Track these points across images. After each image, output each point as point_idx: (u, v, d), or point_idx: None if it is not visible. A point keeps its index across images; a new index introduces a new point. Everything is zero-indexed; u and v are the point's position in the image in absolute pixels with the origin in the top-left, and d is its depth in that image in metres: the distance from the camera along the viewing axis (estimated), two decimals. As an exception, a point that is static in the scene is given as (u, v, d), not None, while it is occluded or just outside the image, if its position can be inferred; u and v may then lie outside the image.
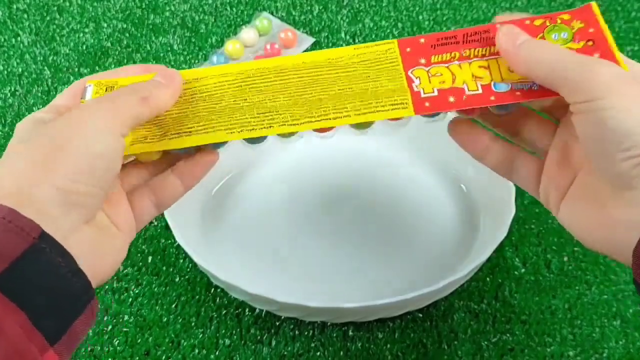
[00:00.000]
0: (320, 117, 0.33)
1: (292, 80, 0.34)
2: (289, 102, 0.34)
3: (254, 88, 0.35)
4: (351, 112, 0.33)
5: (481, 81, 0.33)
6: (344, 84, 0.34)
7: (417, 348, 0.43)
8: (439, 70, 0.33)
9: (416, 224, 0.48)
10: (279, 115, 0.33)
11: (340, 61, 0.35)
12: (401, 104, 0.33)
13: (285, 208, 0.50)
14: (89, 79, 0.34)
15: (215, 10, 0.67)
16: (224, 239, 0.48)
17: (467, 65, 0.33)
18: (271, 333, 0.44)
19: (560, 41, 0.33)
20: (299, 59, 0.35)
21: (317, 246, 0.47)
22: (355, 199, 0.50)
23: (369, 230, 0.48)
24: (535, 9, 0.65)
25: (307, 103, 0.33)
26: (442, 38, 0.34)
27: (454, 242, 0.47)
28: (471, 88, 0.33)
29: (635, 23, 0.64)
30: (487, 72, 0.33)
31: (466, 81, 0.33)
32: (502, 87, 0.32)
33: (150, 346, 0.43)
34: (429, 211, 0.49)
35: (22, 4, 0.67)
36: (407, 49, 0.34)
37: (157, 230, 0.50)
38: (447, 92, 0.33)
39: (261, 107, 0.34)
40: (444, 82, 0.33)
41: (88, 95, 0.34)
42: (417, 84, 0.33)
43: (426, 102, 0.32)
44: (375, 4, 0.67)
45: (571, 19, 0.33)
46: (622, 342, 0.43)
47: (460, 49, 0.34)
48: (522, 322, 0.44)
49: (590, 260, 0.47)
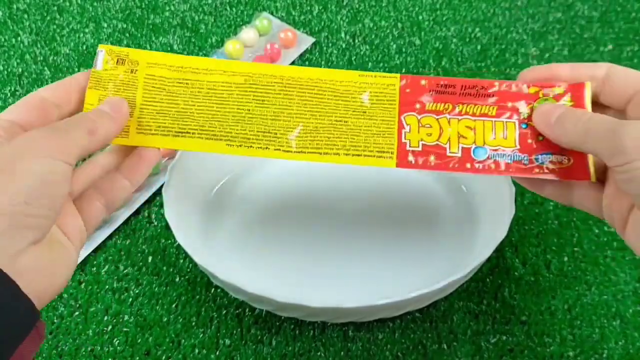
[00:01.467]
0: (313, 150, 0.36)
1: (294, 99, 0.36)
2: (289, 124, 0.36)
3: (258, 98, 0.36)
4: (340, 151, 0.36)
5: (464, 142, 0.35)
6: (342, 115, 0.36)
7: (417, 349, 0.43)
8: (429, 121, 0.36)
9: (416, 224, 0.48)
10: (277, 138, 0.36)
11: (343, 86, 0.37)
12: (387, 152, 0.36)
13: (285, 208, 0.50)
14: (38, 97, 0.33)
15: (215, 10, 0.67)
16: (224, 239, 0.48)
17: (455, 122, 0.36)
18: (272, 333, 0.44)
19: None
20: (305, 74, 0.37)
21: (317, 246, 0.47)
22: (356, 199, 0.50)
23: (369, 230, 0.48)
24: (535, 9, 0.65)
25: (304, 131, 0.36)
26: (442, 84, 0.36)
27: (454, 242, 0.47)
28: (452, 150, 0.35)
29: (635, 23, 0.64)
30: (471, 133, 0.35)
31: (451, 139, 0.35)
32: (480, 154, 0.35)
33: (151, 346, 0.43)
34: (429, 211, 0.49)
35: (22, 4, 0.67)
36: (407, 89, 0.36)
37: (157, 230, 0.50)
38: (431, 148, 0.35)
39: (262, 124, 0.36)
40: (430, 135, 0.36)
41: (99, 64, 0.36)
42: (406, 131, 0.36)
43: (409, 156, 0.35)
44: (375, 4, 0.67)
45: (563, 94, 0.35)
46: (621, 343, 0.43)
47: (455, 101, 0.36)
48: (522, 322, 0.44)
49: (590, 260, 0.47)
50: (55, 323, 0.45)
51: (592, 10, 0.65)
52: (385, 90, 0.36)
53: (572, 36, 0.63)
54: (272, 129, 0.36)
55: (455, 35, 0.64)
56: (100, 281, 0.47)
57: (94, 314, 0.45)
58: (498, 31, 0.64)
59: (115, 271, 0.47)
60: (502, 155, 0.35)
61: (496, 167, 0.35)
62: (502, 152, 0.35)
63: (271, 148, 0.35)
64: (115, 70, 0.36)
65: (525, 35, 0.63)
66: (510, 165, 0.35)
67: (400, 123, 0.36)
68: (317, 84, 0.36)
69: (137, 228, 0.50)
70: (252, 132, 0.35)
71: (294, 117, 0.36)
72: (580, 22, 0.64)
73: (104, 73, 0.36)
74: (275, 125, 0.36)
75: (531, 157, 0.35)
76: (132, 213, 0.50)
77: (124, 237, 0.49)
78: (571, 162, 0.34)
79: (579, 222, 0.49)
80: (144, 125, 0.35)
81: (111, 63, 0.36)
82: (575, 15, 0.65)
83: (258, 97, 0.36)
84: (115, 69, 0.36)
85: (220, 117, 0.36)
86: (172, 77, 0.36)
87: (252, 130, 0.36)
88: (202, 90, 0.36)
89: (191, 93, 0.36)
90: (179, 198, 0.45)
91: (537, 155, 0.35)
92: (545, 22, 0.64)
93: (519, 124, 0.35)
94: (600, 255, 0.47)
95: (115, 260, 0.48)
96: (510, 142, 0.35)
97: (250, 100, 0.36)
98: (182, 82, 0.36)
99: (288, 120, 0.36)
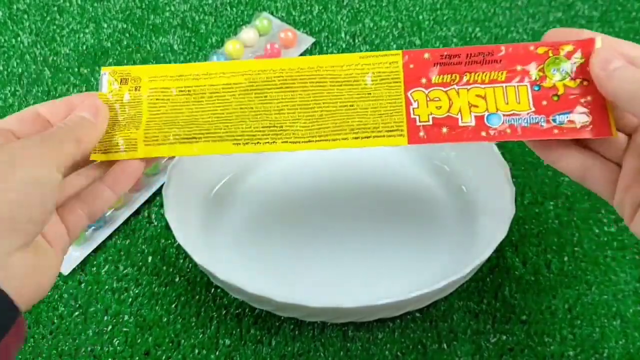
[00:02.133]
0: (321, 138, 0.35)
1: (296, 91, 0.36)
2: (293, 115, 0.35)
3: (260, 95, 0.36)
4: (349, 135, 0.35)
5: (476, 111, 0.34)
6: (347, 99, 0.35)
7: (416, 348, 0.43)
8: (438, 94, 0.35)
9: (416, 224, 0.48)
10: (283, 131, 0.35)
11: (344, 71, 0.36)
12: (397, 130, 0.35)
13: (285, 208, 0.50)
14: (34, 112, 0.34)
15: (215, 11, 0.67)
16: (224, 239, 0.48)
17: (465, 92, 0.35)
18: (271, 333, 0.44)
19: (560, 77, 0.34)
20: (303, 63, 0.36)
21: (317, 246, 0.47)
22: (356, 199, 0.50)
23: (369, 230, 0.48)
24: (536, 9, 0.65)
25: (310, 120, 0.35)
26: (446, 55, 0.35)
27: (454, 242, 0.47)
28: (465, 119, 0.34)
29: (636, 23, 0.64)
30: (483, 101, 0.34)
31: (462, 109, 0.34)
32: (494, 122, 0.34)
33: (150, 346, 0.43)
34: (429, 211, 0.49)
35: (22, 4, 0.68)
36: (411, 65, 0.35)
37: (157, 230, 0.50)
38: (442, 121, 0.34)
39: (266, 120, 0.36)
40: (440, 108, 0.34)
41: (104, 86, 0.36)
42: (414, 107, 0.35)
43: (420, 131, 0.34)
44: (375, 4, 0.67)
45: (574, 51, 0.34)
46: (622, 342, 0.43)
47: (461, 71, 0.35)
48: (522, 322, 0.44)
49: (590, 260, 0.47)
50: (55, 323, 0.45)
51: (592, 10, 0.65)
52: (388, 69, 0.35)
53: (572, 36, 0.63)
54: (277, 123, 0.35)
55: (456, 35, 0.64)
56: (100, 281, 0.47)
57: (93, 314, 0.45)
58: (498, 31, 0.64)
59: (115, 271, 0.47)
60: (518, 119, 0.34)
61: (512, 132, 0.34)
62: (517, 117, 0.34)
63: (278, 142, 0.35)
64: (120, 91, 0.36)
65: (525, 35, 0.63)
66: (527, 128, 0.34)
67: (408, 100, 0.35)
68: (317, 72, 0.36)
69: (137, 228, 0.50)
70: (257, 129, 0.35)
71: (298, 108, 0.35)
72: (581, 22, 0.64)
73: (110, 95, 0.36)
74: (280, 119, 0.35)
75: (548, 118, 0.34)
76: (132, 213, 0.50)
77: (123, 237, 0.49)
78: (591, 119, 0.33)
79: (579, 222, 0.49)
80: (151, 137, 0.36)
81: (115, 84, 0.36)
82: (576, 15, 0.65)
83: (260, 93, 0.36)
84: (120, 90, 0.36)
85: (224, 119, 0.36)
86: (174, 87, 0.36)
87: (257, 126, 0.35)
88: (204, 96, 0.36)
89: (194, 100, 0.36)
90: (179, 198, 0.45)
91: (554, 116, 0.34)
92: (546, 21, 0.64)
93: (531, 86, 0.34)
94: (601, 255, 0.47)
95: (115, 260, 0.48)
96: (524, 105, 0.34)
97: (253, 98, 0.36)
98: (184, 90, 0.36)
99: (292, 112, 0.35)
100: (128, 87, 0.37)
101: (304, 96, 0.36)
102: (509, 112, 0.34)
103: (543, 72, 0.34)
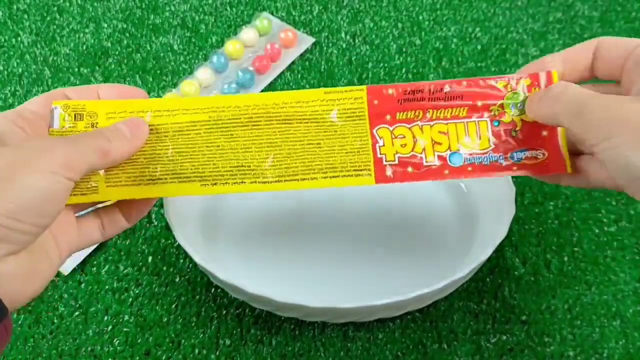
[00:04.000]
0: (290, 178, 0.35)
1: (263, 129, 0.35)
2: (260, 154, 0.35)
3: (226, 132, 0.35)
4: (318, 175, 0.35)
5: (439, 149, 0.35)
6: (313, 137, 0.35)
7: (417, 348, 0.43)
8: (402, 131, 0.35)
9: (416, 223, 0.48)
10: (251, 171, 0.35)
11: (310, 107, 0.35)
12: (364, 170, 0.35)
13: (285, 208, 0.50)
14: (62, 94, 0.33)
15: (215, 10, 0.67)
16: (224, 239, 0.48)
17: (428, 129, 0.35)
18: (271, 333, 0.44)
19: (518, 112, 0.35)
20: (268, 99, 0.35)
21: (317, 246, 0.47)
22: (355, 199, 0.50)
23: (369, 230, 0.48)
24: (535, 9, 0.65)
25: (277, 159, 0.35)
26: (409, 91, 0.35)
27: (454, 242, 0.47)
28: (429, 159, 0.35)
29: (636, 23, 0.64)
30: (445, 137, 0.35)
31: (426, 149, 0.35)
32: (456, 161, 0.35)
33: (151, 346, 0.43)
34: (429, 211, 0.49)
35: (22, 4, 0.68)
36: (375, 101, 0.35)
37: (157, 230, 0.50)
38: (407, 159, 0.35)
39: (234, 159, 0.35)
40: (405, 146, 0.35)
41: (56, 122, 0.34)
42: (380, 144, 0.35)
43: (387, 171, 0.35)
44: (375, 4, 0.67)
45: (532, 85, 0.35)
46: (622, 343, 0.43)
47: (424, 107, 0.35)
48: (522, 322, 0.44)
49: (590, 260, 0.47)
50: (55, 323, 0.45)
51: (592, 10, 0.65)
52: (353, 105, 0.35)
53: (572, 36, 0.63)
54: (244, 162, 0.35)
55: (456, 35, 0.64)
56: (100, 281, 0.47)
57: (94, 314, 0.45)
58: (498, 31, 0.64)
59: (115, 271, 0.47)
60: (479, 157, 0.35)
61: (473, 170, 0.35)
62: (477, 156, 0.35)
63: (247, 182, 0.35)
64: (74, 128, 0.34)
65: (525, 35, 0.63)
66: (487, 166, 0.35)
67: (374, 137, 0.35)
68: (283, 109, 0.35)
69: (137, 228, 0.50)
70: (225, 169, 0.35)
71: (265, 147, 0.35)
72: (581, 22, 0.64)
73: (64, 132, 0.34)
74: (248, 158, 0.35)
75: (506, 156, 0.35)
76: (132, 213, 0.50)
77: (124, 237, 0.49)
78: (546, 155, 0.34)
79: (579, 222, 0.49)
80: (113, 178, 0.34)
81: (69, 119, 0.34)
82: (576, 15, 0.65)
83: (225, 132, 0.35)
84: (75, 126, 0.34)
85: (190, 158, 0.35)
86: None
87: (225, 166, 0.35)
88: (168, 134, 0.35)
89: (157, 138, 0.35)
90: (179, 198, 0.45)
91: (512, 154, 0.35)
92: (546, 22, 0.64)
93: (491, 121, 0.35)
94: (600, 255, 0.47)
95: (115, 260, 0.48)
96: (484, 142, 0.35)
97: (219, 137, 0.35)
98: None
99: (259, 150, 0.35)
100: (84, 124, 0.34)
101: (271, 134, 0.35)
102: (469, 151, 0.35)
103: (502, 108, 0.35)
